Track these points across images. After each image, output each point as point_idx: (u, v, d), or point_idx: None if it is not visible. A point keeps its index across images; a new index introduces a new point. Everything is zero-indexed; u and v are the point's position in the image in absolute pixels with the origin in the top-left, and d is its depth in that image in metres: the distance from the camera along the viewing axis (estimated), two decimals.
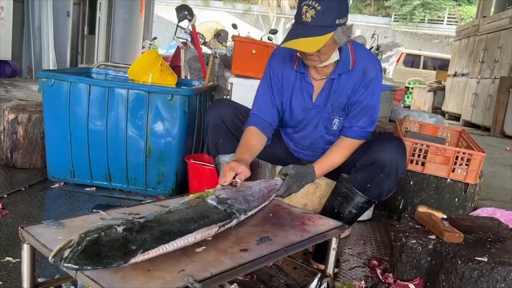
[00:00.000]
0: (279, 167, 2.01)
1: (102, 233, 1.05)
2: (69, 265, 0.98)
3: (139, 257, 1.05)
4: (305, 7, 1.56)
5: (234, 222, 1.35)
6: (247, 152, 1.72)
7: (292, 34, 1.59)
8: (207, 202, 1.35)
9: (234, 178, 1.56)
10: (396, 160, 1.69)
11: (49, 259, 1.00)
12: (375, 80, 1.77)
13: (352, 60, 1.76)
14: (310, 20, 1.56)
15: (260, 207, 1.52)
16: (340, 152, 1.80)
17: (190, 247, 1.21)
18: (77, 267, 0.98)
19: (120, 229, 1.08)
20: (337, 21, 1.58)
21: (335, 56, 1.72)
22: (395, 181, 1.74)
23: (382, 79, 1.87)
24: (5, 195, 2.23)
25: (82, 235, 1.04)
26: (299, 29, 1.58)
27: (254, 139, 1.79)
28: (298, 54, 1.77)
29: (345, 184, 1.78)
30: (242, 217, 1.40)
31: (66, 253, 0.99)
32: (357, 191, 1.75)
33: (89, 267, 0.99)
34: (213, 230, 1.26)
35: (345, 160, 1.80)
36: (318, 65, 1.72)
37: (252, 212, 1.47)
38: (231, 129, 1.88)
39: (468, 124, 9.27)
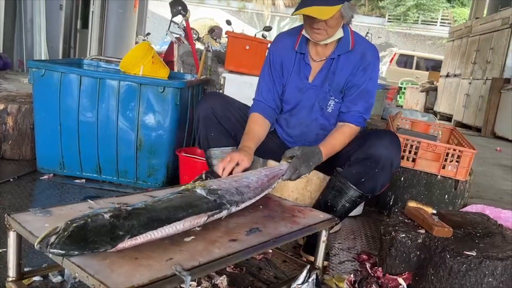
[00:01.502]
0: (271, 162, 2.00)
1: (89, 219, 1.06)
2: (55, 250, 0.98)
3: (127, 242, 1.05)
4: None
5: (225, 213, 1.35)
6: (251, 140, 1.76)
7: (303, 3, 1.64)
8: (196, 192, 1.34)
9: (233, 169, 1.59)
10: (391, 155, 1.70)
11: (35, 245, 1.00)
12: (373, 65, 1.81)
13: (352, 41, 1.81)
14: None
15: (256, 198, 1.50)
16: (339, 136, 1.79)
17: (179, 237, 1.20)
18: (63, 252, 0.98)
19: (107, 216, 1.08)
20: None
21: (339, 33, 1.77)
22: (389, 176, 1.75)
23: (379, 65, 1.91)
24: None
25: (69, 222, 1.04)
26: (309, 0, 1.63)
27: (258, 127, 1.83)
28: (303, 33, 1.81)
29: (340, 178, 1.79)
30: (234, 209, 1.39)
31: (52, 239, 0.99)
32: (351, 185, 1.75)
33: (75, 252, 0.99)
34: (202, 219, 1.26)
35: (340, 152, 1.80)
36: (323, 42, 1.76)
37: (247, 203, 1.46)
38: (222, 123, 1.88)
39: (460, 124, 9.33)
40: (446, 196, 2.45)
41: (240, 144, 1.75)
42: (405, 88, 12.84)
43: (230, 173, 1.59)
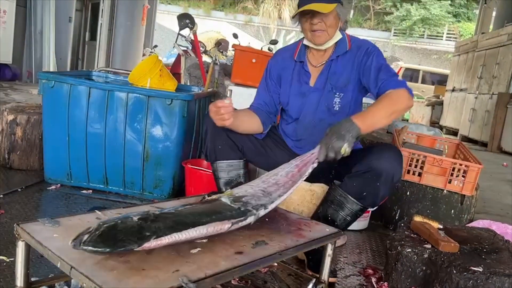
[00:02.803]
0: None
1: (119, 221, 1.14)
2: (87, 247, 1.05)
3: (152, 243, 1.11)
4: None
5: (252, 218, 1.37)
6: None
7: (302, 3, 1.76)
8: (221, 200, 1.41)
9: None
10: (393, 169, 1.69)
11: (69, 243, 1.07)
12: (373, 47, 1.88)
13: (349, 42, 1.89)
14: None
15: (288, 193, 1.50)
16: (375, 103, 1.69)
17: (186, 249, 1.21)
18: (94, 249, 1.04)
19: (135, 218, 1.15)
20: None
21: (338, 35, 1.86)
22: (390, 189, 1.75)
23: (380, 50, 1.91)
24: (1, 195, 2.23)
25: (101, 223, 1.12)
26: (308, 0, 1.74)
27: (246, 113, 1.91)
28: (304, 42, 1.91)
29: (339, 191, 1.77)
30: (262, 212, 1.41)
31: (85, 237, 1.07)
32: (352, 198, 1.74)
33: (106, 249, 1.05)
34: (225, 225, 1.29)
35: (344, 165, 1.77)
36: (325, 45, 1.84)
37: (277, 202, 1.47)
38: (230, 136, 1.88)
39: (466, 139, 9.29)
40: (452, 211, 2.44)
41: None
42: None
43: None
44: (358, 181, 1.72)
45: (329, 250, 1.53)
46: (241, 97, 3.17)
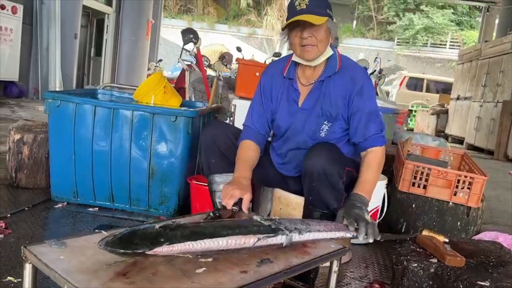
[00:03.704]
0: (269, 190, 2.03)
1: (142, 227, 1.22)
2: (107, 247, 1.13)
3: (164, 248, 1.16)
4: (298, 1, 1.70)
5: (283, 239, 1.37)
6: (246, 167, 1.76)
7: (293, 14, 1.70)
8: (252, 217, 1.43)
9: (235, 204, 1.59)
10: (321, 165, 1.64)
11: (96, 243, 1.16)
12: (367, 86, 1.82)
13: (339, 61, 1.84)
14: (305, 7, 1.68)
15: (325, 234, 1.49)
16: (366, 168, 1.74)
17: (191, 268, 1.21)
18: (111, 249, 1.13)
19: (157, 226, 1.22)
20: (328, 11, 1.72)
21: (329, 51, 1.81)
22: (334, 187, 1.67)
23: (372, 84, 1.91)
24: (8, 215, 2.25)
25: (128, 227, 1.21)
26: (297, 13, 1.69)
27: (251, 153, 1.84)
28: (293, 58, 1.85)
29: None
30: (296, 236, 1.40)
31: (108, 239, 1.15)
32: (309, 206, 1.74)
33: (120, 250, 1.13)
34: (250, 240, 1.29)
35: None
36: (315, 61, 1.78)
37: (314, 234, 1.45)
38: (223, 150, 1.90)
39: (472, 147, 9.26)
40: (459, 223, 2.43)
41: (236, 173, 1.74)
42: (415, 111, 12.83)
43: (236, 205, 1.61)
44: (304, 186, 1.73)
45: (335, 267, 1.53)
46: (245, 110, 3.18)
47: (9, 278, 1.64)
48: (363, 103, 1.78)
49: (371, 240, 1.52)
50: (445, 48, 22.10)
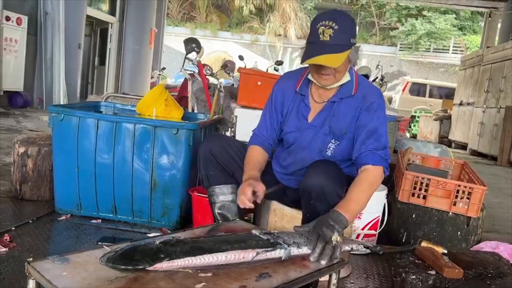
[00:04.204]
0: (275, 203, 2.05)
1: (143, 243, 1.26)
2: (108, 264, 1.18)
3: (164, 264, 1.21)
4: (322, 27, 1.64)
5: (281, 253, 1.40)
6: (255, 168, 1.81)
7: (312, 52, 1.65)
8: (251, 232, 1.46)
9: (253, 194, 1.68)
10: (320, 182, 1.64)
11: (98, 259, 1.21)
12: (377, 104, 1.77)
13: (356, 86, 1.81)
14: (328, 39, 1.63)
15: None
16: (355, 186, 1.65)
17: (191, 283, 1.24)
18: (114, 265, 1.17)
19: (158, 241, 1.26)
20: (351, 40, 1.68)
21: (346, 77, 1.79)
22: (332, 205, 1.61)
23: (384, 106, 1.85)
24: (13, 228, 2.28)
25: (129, 243, 1.26)
26: (318, 47, 1.65)
27: (259, 157, 1.89)
28: (309, 77, 1.83)
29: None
30: (294, 249, 1.42)
31: (109, 255, 1.19)
32: (307, 222, 1.68)
33: (121, 266, 1.17)
34: (249, 254, 1.33)
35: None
36: (330, 86, 1.77)
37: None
38: (221, 162, 1.95)
39: (475, 153, 9.25)
40: (459, 232, 2.44)
41: (246, 174, 1.78)
42: (418, 117, 12.83)
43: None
44: (303, 204, 1.76)
45: (333, 280, 1.55)
46: (247, 119, 3.22)
47: None
48: (369, 119, 1.75)
49: (323, 263, 1.44)
50: (448, 53, 22.10)
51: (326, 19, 1.65)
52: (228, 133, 3.43)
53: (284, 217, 2.01)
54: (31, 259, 1.27)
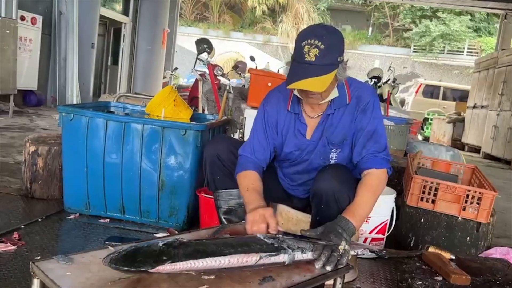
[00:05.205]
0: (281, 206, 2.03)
1: (146, 245, 1.26)
2: (111, 265, 1.18)
3: (166, 266, 1.21)
4: (307, 46, 1.56)
5: (285, 257, 1.39)
6: (259, 198, 1.68)
7: (297, 74, 1.57)
8: (256, 236, 1.45)
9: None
10: (332, 188, 1.61)
11: (101, 259, 1.21)
12: (372, 104, 1.73)
13: (349, 96, 1.75)
14: (314, 60, 1.55)
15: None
16: (361, 191, 1.63)
17: (194, 285, 1.24)
18: (115, 266, 1.17)
19: (161, 243, 1.26)
20: (338, 58, 1.60)
21: (334, 93, 1.71)
22: (342, 210, 1.60)
23: (379, 104, 1.81)
24: (22, 226, 2.31)
25: (133, 244, 1.26)
26: (303, 68, 1.57)
27: (260, 185, 1.75)
28: (295, 93, 1.76)
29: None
30: (299, 254, 1.41)
31: (113, 256, 1.20)
32: (316, 226, 1.66)
33: (124, 268, 1.18)
34: (252, 258, 1.32)
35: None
36: (318, 103, 1.72)
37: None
38: (227, 166, 1.92)
39: (489, 156, 9.12)
40: (468, 238, 2.41)
41: (253, 203, 1.65)
42: (431, 119, 12.70)
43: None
44: (313, 209, 1.72)
45: (338, 284, 1.54)
46: None
47: None
48: (366, 121, 1.72)
49: (328, 269, 1.41)
50: (463, 54, 21.85)
51: (311, 37, 1.56)
52: (236, 135, 3.42)
53: (290, 220, 2.00)
54: (38, 257, 1.28)
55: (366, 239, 2.45)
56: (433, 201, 2.42)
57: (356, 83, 1.81)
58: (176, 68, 11.97)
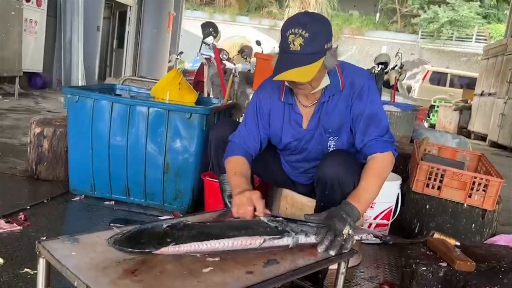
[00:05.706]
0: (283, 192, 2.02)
1: (150, 226, 1.27)
2: (115, 245, 1.19)
3: (170, 248, 1.21)
4: (291, 36, 1.51)
5: (289, 240, 1.39)
6: (248, 182, 1.66)
7: (282, 65, 1.53)
8: (260, 218, 1.45)
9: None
10: (336, 173, 1.59)
11: (105, 240, 1.22)
12: (367, 87, 1.69)
13: (342, 82, 1.71)
14: (299, 49, 1.51)
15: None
16: (366, 176, 1.59)
17: (198, 268, 1.24)
18: (119, 247, 1.18)
19: (165, 225, 1.27)
20: (325, 46, 1.55)
21: (325, 81, 1.67)
22: (345, 194, 1.58)
23: (375, 86, 1.75)
24: (28, 207, 2.32)
25: (137, 226, 1.26)
26: (288, 59, 1.53)
27: (247, 169, 1.73)
28: (286, 84, 1.72)
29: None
30: (302, 238, 1.41)
31: (117, 237, 1.20)
32: (320, 212, 1.61)
33: (127, 249, 1.18)
34: (256, 241, 1.33)
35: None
36: (310, 93, 1.69)
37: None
38: None
39: (495, 144, 9.07)
40: (473, 225, 2.40)
41: (240, 187, 1.61)
42: (438, 107, 12.61)
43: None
44: (317, 194, 1.70)
45: (342, 269, 1.54)
46: None
47: (26, 269, 1.70)
48: (362, 106, 1.68)
49: (332, 253, 1.41)
50: (471, 41, 21.56)
51: (295, 26, 1.51)
52: (241, 119, 3.41)
53: (294, 204, 2.00)
54: (44, 238, 1.29)
55: (370, 224, 2.45)
56: (438, 188, 2.41)
57: (350, 68, 1.76)
58: (181, 52, 11.87)
